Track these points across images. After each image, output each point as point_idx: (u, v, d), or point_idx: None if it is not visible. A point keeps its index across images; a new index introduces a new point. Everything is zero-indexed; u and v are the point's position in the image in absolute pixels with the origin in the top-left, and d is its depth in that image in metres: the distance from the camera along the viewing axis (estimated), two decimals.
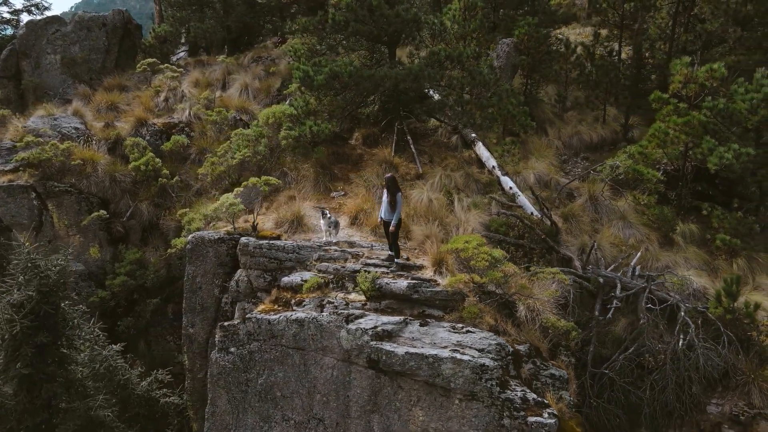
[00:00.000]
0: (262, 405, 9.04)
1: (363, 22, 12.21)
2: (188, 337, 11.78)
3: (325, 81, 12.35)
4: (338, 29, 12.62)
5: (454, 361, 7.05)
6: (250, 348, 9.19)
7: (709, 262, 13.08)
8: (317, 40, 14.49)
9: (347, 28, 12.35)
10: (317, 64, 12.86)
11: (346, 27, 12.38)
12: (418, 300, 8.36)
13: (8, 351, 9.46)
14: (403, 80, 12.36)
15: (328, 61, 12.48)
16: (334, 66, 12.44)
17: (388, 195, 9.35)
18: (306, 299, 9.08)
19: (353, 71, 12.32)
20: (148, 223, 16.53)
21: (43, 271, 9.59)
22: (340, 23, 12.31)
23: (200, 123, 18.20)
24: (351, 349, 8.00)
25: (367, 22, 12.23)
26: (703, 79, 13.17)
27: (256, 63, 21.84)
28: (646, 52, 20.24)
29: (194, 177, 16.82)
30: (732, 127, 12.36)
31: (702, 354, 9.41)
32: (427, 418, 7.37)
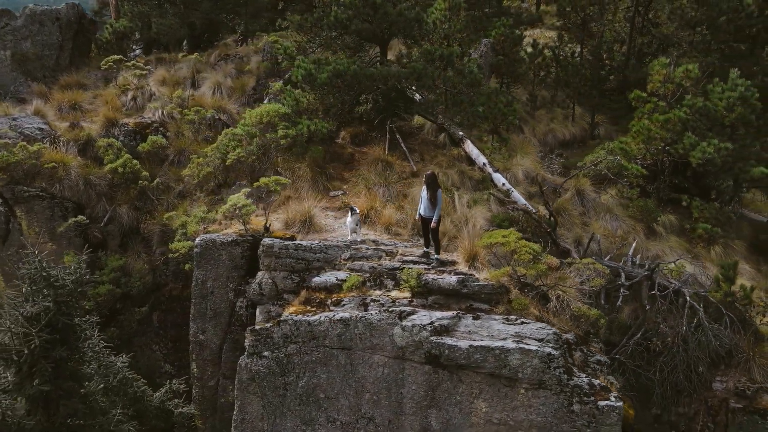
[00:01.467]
0: (303, 408, 8.92)
1: (366, 21, 12.20)
2: (198, 345, 11.40)
3: (328, 79, 12.26)
4: (340, 27, 12.53)
5: (522, 352, 7.27)
6: (287, 351, 9.03)
7: (689, 249, 14.01)
8: (308, 38, 14.31)
9: (350, 26, 12.30)
10: (317, 62, 12.74)
11: (348, 25, 12.33)
12: (466, 294, 8.53)
13: (24, 367, 8.84)
14: (406, 78, 12.46)
15: (330, 60, 12.39)
16: (336, 64, 12.37)
17: (428, 192, 9.46)
18: (345, 299, 9.03)
19: (357, 70, 12.30)
20: (128, 228, 15.78)
21: (59, 280, 9.03)
22: (342, 21, 12.25)
23: (175, 123, 17.57)
24: (406, 345, 8.05)
25: (370, 21, 12.25)
26: (679, 79, 14.08)
27: (225, 61, 21.26)
28: (604, 54, 21.32)
29: (175, 179, 16.25)
30: (710, 124, 13.29)
31: (713, 334, 10.10)
32: (490, 409, 7.54)
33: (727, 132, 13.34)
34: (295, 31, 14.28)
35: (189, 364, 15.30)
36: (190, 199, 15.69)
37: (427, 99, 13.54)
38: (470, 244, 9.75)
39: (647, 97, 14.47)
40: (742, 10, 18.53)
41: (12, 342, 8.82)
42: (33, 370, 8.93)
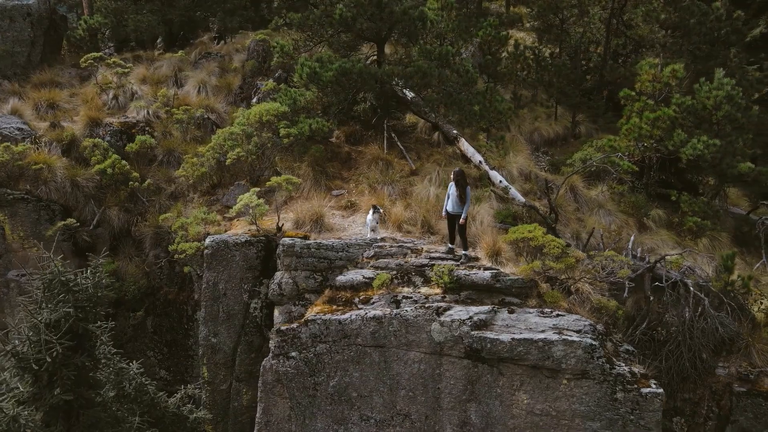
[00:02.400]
0: (334, 407, 8.88)
1: (371, 19, 12.21)
2: (210, 348, 11.18)
3: (334, 78, 12.20)
4: (344, 25, 12.49)
5: (566, 343, 7.46)
6: (316, 351, 8.97)
7: (678, 242, 14.59)
8: (306, 37, 14.20)
9: (354, 24, 12.28)
10: (320, 60, 12.68)
11: (353, 23, 12.30)
12: (498, 289, 8.68)
13: (44, 377, 8.49)
14: (410, 77, 12.53)
15: (336, 58, 12.33)
16: (342, 63, 12.33)
17: (457, 189, 9.55)
18: (374, 296, 9.04)
19: (362, 68, 12.29)
20: (118, 231, 15.32)
21: (77, 284, 8.71)
22: (347, 19, 12.21)
23: (161, 122, 17.16)
24: (444, 341, 8.13)
25: (375, 19, 12.26)
26: (667, 79, 14.65)
27: (206, 59, 20.84)
28: (581, 54, 21.95)
29: (165, 179, 15.88)
30: (697, 122, 13.89)
31: (719, 322, 10.57)
32: (532, 400, 7.70)
33: (714, 129, 13.96)
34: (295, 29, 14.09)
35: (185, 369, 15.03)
36: (183, 200, 15.35)
37: (426, 98, 13.61)
38: (493, 240, 9.90)
39: (636, 96, 14.97)
40: (712, 13, 19.39)
41: (30, 350, 8.47)
42: (54, 379, 8.60)
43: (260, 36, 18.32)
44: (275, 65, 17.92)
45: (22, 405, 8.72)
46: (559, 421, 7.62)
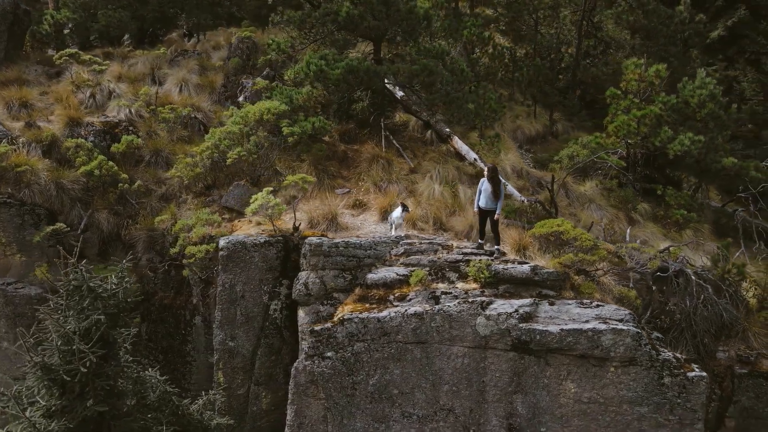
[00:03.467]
0: (374, 406, 8.86)
1: (377, 18, 12.21)
2: (228, 352, 10.92)
3: (341, 76, 12.14)
4: (350, 24, 12.43)
5: (614, 332, 7.73)
6: (353, 350, 8.92)
7: (665, 234, 15.30)
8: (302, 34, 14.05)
9: (361, 22, 12.24)
10: (325, 58, 12.59)
11: (360, 22, 12.26)
12: (536, 282, 8.88)
13: (75, 388, 8.08)
14: (417, 75, 12.62)
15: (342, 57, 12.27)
16: (349, 61, 12.29)
17: (492, 185, 9.68)
18: (410, 293, 9.06)
19: (369, 66, 12.29)
20: (108, 235, 14.70)
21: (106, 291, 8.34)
22: (354, 17, 12.17)
23: (144, 122, 16.59)
24: (490, 334, 8.26)
25: (382, 18, 12.27)
26: (651, 78, 15.34)
27: (182, 57, 20.26)
28: (552, 55, 22.67)
29: (154, 181, 15.37)
30: (682, 119, 14.61)
31: (722, 308, 11.17)
32: (579, 389, 7.93)
33: (698, 126, 14.72)
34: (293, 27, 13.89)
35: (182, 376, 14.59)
36: (175, 201, 14.90)
37: (427, 96, 13.73)
38: (519, 234, 10.11)
39: (622, 94, 15.59)
40: (676, 16, 20.42)
41: (60, 361, 8.06)
42: (86, 390, 8.21)
43: (245, 33, 17.95)
44: (262, 63, 17.64)
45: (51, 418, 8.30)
46: (606, 407, 7.89)
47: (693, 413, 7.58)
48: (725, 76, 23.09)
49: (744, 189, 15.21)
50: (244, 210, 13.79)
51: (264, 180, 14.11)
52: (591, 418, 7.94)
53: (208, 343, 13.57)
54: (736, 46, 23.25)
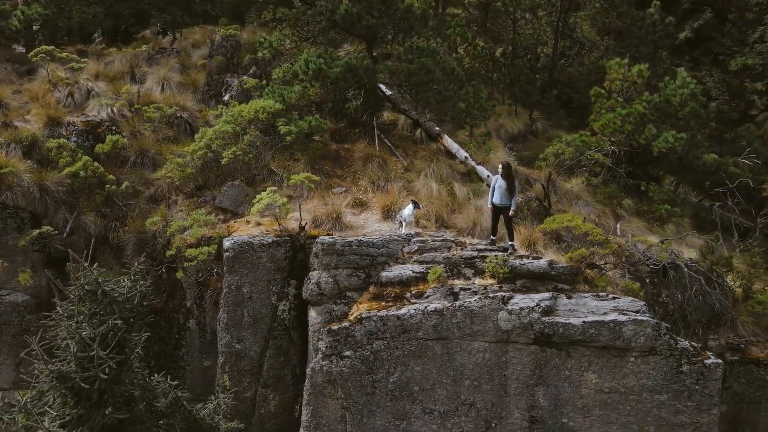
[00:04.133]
0: (395, 403, 8.88)
1: (376, 16, 12.22)
2: (234, 355, 10.75)
3: (341, 74, 12.10)
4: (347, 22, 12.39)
5: (636, 323, 7.97)
6: (372, 348, 8.92)
7: (650, 228, 15.82)
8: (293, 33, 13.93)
9: (360, 21, 12.22)
10: (323, 56, 12.53)
11: (358, 21, 12.24)
12: (552, 276, 9.06)
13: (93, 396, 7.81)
14: (415, 74, 12.69)
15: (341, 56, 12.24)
16: (349, 59, 12.26)
17: (506, 181, 9.81)
18: (428, 290, 9.12)
19: (369, 65, 12.29)
20: (95, 238, 14.22)
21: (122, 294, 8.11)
22: (353, 16, 12.13)
23: (127, 121, 16.15)
24: (512, 329, 8.39)
25: (381, 16, 12.29)
26: (634, 78, 15.84)
27: (161, 55, 19.79)
28: (529, 55, 23.14)
29: (141, 182, 15.00)
30: (664, 117, 15.14)
31: (716, 299, 11.64)
32: (600, 379, 8.15)
33: (679, 124, 15.27)
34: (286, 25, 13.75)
35: None
36: (165, 203, 14.56)
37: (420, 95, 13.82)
38: (528, 231, 10.28)
39: (606, 93, 16.04)
40: (647, 18, 21.13)
41: (77, 369, 7.80)
42: (104, 398, 7.96)
43: (230, 31, 17.65)
44: (248, 62, 17.41)
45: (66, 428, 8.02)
46: (627, 396, 8.12)
47: (710, 399, 7.90)
48: (692, 76, 24.01)
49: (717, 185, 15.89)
50: (239, 210, 13.63)
51: (259, 180, 13.94)
52: (612, 408, 8.17)
53: (203, 347, 13.33)
54: (702, 47, 24.17)
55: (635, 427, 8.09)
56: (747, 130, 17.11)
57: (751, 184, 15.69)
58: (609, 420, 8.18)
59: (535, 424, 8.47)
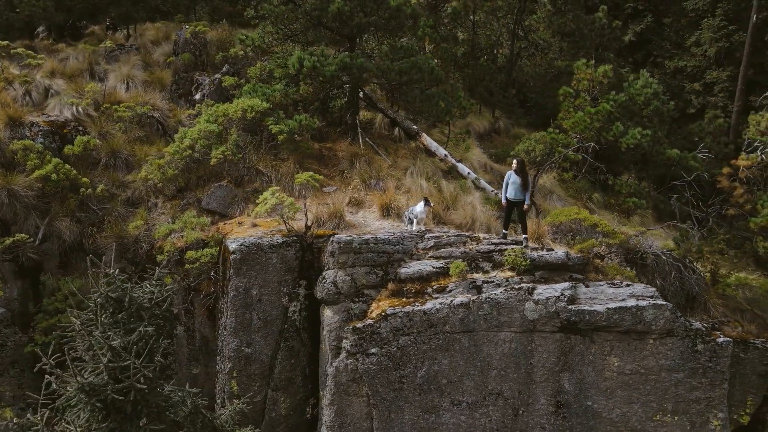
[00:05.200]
0: (423, 397, 8.99)
1: (369, 15, 12.26)
2: (244, 359, 10.52)
3: (336, 72, 12.07)
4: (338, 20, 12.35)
5: (655, 307, 8.47)
6: (399, 344, 9.00)
7: (618, 220, 16.73)
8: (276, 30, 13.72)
9: (352, 18, 12.22)
10: (313, 54, 12.45)
11: (350, 18, 12.23)
12: (567, 267, 9.45)
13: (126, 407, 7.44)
14: (407, 72, 12.83)
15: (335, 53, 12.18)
16: (343, 57, 12.23)
17: (521, 176, 10.10)
18: (450, 284, 9.29)
19: (362, 63, 12.33)
20: (69, 245, 13.49)
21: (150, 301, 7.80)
22: (345, 14, 12.11)
23: (95, 121, 15.39)
24: (538, 318, 8.70)
25: (372, 14, 12.34)
26: (600, 78, 16.70)
27: (119, 52, 18.89)
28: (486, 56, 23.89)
29: (115, 184, 14.35)
30: (630, 115, 16.07)
31: (695, 283, 12.49)
32: (622, 362, 8.60)
33: (643, 122, 16.24)
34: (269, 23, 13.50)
35: None
36: (144, 206, 13.99)
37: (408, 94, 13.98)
38: (536, 224, 10.65)
39: (575, 93, 16.83)
40: (596, 22, 22.31)
41: (108, 380, 7.46)
42: (138, 409, 7.61)
43: (199, 28, 17.11)
44: (220, 59, 16.98)
45: None
46: (647, 377, 8.62)
47: (722, 374, 8.53)
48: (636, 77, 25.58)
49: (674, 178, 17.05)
50: (227, 212, 13.32)
51: (247, 180, 13.65)
52: (633, 388, 8.65)
53: (192, 354, 12.92)
54: (644, 50, 25.73)
55: (654, 405, 8.62)
56: (698, 126, 18.41)
57: (706, 177, 16.93)
58: (630, 400, 8.67)
59: (560, 409, 8.83)
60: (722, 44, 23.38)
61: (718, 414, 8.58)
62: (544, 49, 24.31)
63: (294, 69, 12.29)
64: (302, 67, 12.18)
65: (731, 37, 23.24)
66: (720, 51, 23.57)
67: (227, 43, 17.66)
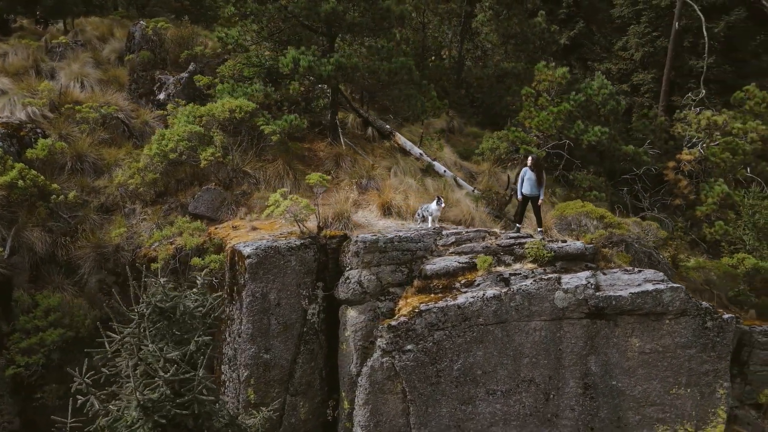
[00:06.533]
0: (460, 389, 9.21)
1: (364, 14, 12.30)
2: (262, 366, 10.26)
3: (332, 72, 12.01)
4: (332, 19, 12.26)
5: (672, 290, 9.19)
6: (434, 339, 9.17)
7: None
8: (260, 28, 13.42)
9: (345, 17, 12.18)
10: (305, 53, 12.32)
11: (343, 17, 12.19)
12: (583, 257, 10.00)
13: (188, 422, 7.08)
14: (397, 72, 12.99)
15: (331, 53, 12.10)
16: (338, 57, 12.18)
17: (536, 173, 10.50)
18: (477, 278, 9.56)
19: (356, 63, 12.34)
20: (41, 257, 12.51)
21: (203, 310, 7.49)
22: (339, 13, 12.06)
23: (52, 123, 14.37)
24: (567, 306, 9.17)
25: (366, 14, 12.38)
26: (559, 79, 17.69)
27: (64, 48, 17.61)
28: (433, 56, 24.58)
29: (86, 190, 13.49)
30: (588, 114, 17.17)
31: (667, 268, 13.59)
32: (642, 342, 9.26)
33: (601, 120, 17.39)
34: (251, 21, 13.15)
35: None
36: (120, 212, 13.23)
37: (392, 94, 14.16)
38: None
39: (536, 93, 17.71)
40: (538, 26, 23.57)
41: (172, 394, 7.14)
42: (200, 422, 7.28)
43: (160, 24, 16.29)
44: (185, 57, 16.30)
45: None
46: (664, 354, 9.34)
47: (727, 347, 9.42)
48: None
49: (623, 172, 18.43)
50: (217, 216, 12.89)
51: (235, 183, 13.23)
52: (652, 366, 9.35)
53: None
54: (577, 53, 27.42)
55: (671, 379, 9.37)
56: (642, 124, 19.94)
57: (654, 171, 18.42)
58: (650, 377, 9.36)
59: (588, 390, 9.37)
60: (647, 49, 25.36)
61: (723, 384, 9.47)
62: (489, 51, 25.25)
63: (288, 68, 12.06)
64: (297, 67, 11.98)
65: (654, 42, 25.26)
66: (645, 55, 25.56)
67: (189, 40, 16.95)
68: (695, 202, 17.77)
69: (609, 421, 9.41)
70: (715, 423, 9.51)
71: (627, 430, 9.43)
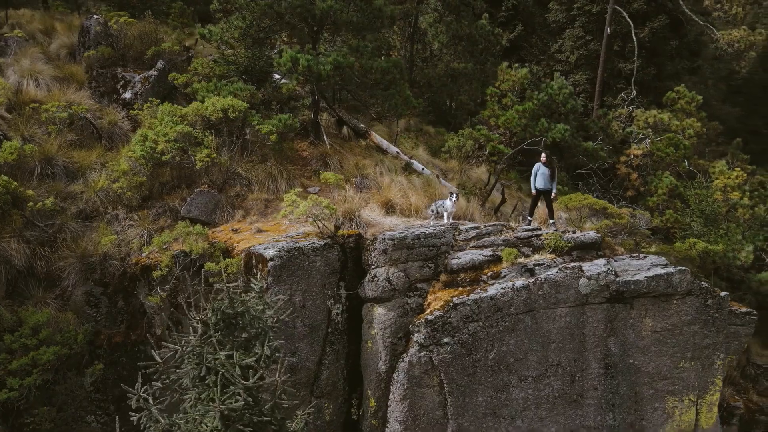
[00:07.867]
0: (495, 378, 9.51)
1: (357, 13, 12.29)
2: (288, 370, 10.04)
3: (331, 71, 11.93)
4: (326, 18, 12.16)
5: (680, 272, 9.96)
6: (469, 330, 9.41)
7: None
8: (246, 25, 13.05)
9: (341, 17, 12.13)
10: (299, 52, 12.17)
11: (338, 17, 12.12)
12: (594, 245, 10.60)
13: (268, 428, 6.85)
14: (389, 72, 13.11)
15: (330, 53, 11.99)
16: (336, 56, 12.11)
17: (549, 168, 10.93)
18: (503, 270, 9.90)
19: (352, 62, 12.33)
20: (19, 269, 11.54)
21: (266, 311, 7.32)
22: (336, 12, 11.98)
23: (10, 124, 13.26)
24: (590, 292, 9.71)
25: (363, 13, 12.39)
26: (522, 80, 18.53)
27: (6, 43, 16.19)
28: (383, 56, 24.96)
29: (61, 196, 12.60)
30: (550, 113, 18.13)
31: None
32: (654, 322, 9.98)
33: (561, 119, 18.41)
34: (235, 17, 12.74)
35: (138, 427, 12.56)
36: (101, 219, 12.46)
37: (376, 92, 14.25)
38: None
39: (502, 93, 18.44)
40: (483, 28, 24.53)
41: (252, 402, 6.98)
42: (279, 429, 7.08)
43: (123, 19, 15.34)
44: (152, 54, 15.49)
45: None
46: (673, 332, 10.12)
47: (723, 322, 10.36)
48: None
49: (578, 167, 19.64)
50: (212, 219, 12.45)
51: (230, 186, 12.79)
52: (663, 343, 10.11)
53: None
54: (516, 54, 28.67)
55: (679, 355, 10.18)
56: (593, 122, 21.26)
57: (606, 165, 19.75)
58: (662, 353, 10.11)
59: (609, 370, 9.97)
60: (581, 52, 27.01)
61: (720, 355, 10.43)
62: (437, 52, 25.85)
63: (285, 68, 11.83)
64: (296, 66, 11.77)
65: (588, 45, 26.94)
66: (580, 58, 27.20)
67: (152, 36, 16.10)
68: (645, 193, 19.25)
69: (627, 397, 10.08)
70: (713, 391, 10.45)
71: (642, 404, 10.14)
